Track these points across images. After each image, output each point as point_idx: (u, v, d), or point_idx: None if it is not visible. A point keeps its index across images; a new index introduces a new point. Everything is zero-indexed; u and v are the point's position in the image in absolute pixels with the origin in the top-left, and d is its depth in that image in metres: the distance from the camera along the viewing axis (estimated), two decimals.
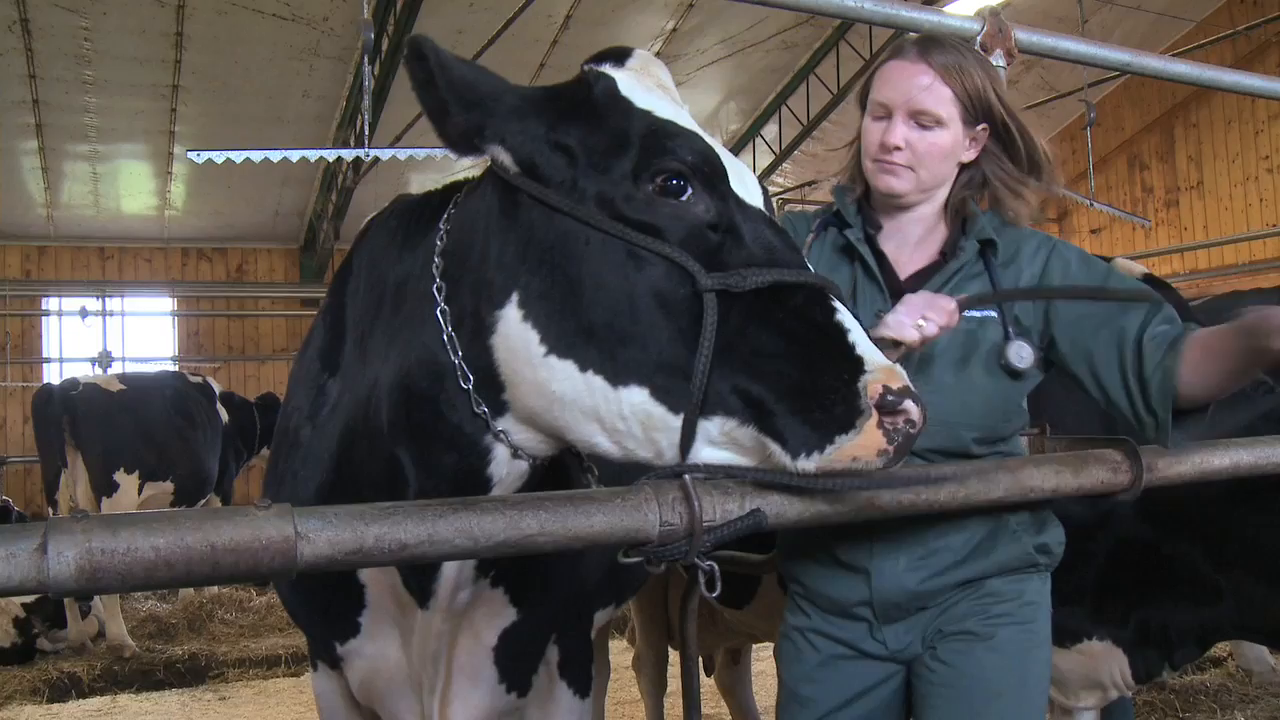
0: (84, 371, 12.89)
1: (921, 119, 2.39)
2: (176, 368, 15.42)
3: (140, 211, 16.34)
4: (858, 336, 1.78)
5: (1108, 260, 3.85)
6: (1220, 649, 7.10)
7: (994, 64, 2.54)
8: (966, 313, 2.34)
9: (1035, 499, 2.35)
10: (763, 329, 1.78)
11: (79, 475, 9.07)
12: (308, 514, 1.60)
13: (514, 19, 11.42)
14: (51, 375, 15.09)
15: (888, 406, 1.68)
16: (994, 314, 2.44)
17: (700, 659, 4.65)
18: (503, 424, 2.00)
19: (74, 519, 1.50)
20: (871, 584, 2.44)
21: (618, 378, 1.80)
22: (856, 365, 1.74)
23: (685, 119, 1.98)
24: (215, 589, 10.21)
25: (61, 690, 7.97)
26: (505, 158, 1.94)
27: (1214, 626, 3.45)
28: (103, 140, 14.24)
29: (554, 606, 2.58)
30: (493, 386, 1.97)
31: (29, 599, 8.36)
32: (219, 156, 10.36)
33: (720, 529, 1.85)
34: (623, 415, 1.82)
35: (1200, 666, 6.99)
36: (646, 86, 2.02)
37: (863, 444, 1.70)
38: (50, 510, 9.32)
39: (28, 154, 14.21)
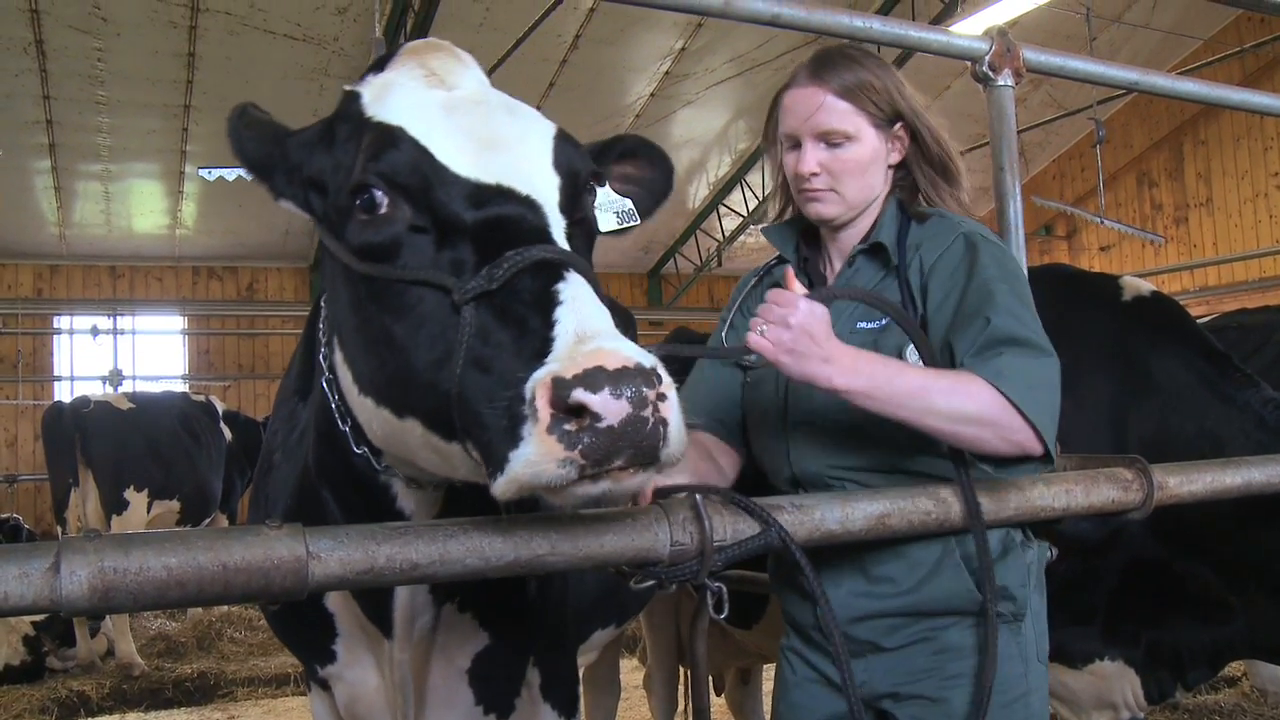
0: (95, 390, 12.91)
1: (830, 139, 2.34)
2: (187, 386, 15.46)
3: (151, 230, 16.40)
4: (566, 314, 1.50)
5: (1116, 278, 3.87)
6: (1234, 668, 7.06)
7: (1007, 78, 2.46)
8: (863, 324, 2.31)
9: (1046, 518, 2.34)
10: (491, 329, 1.55)
11: (89, 493, 9.08)
12: (319, 534, 1.60)
13: (524, 38, 11.47)
14: (63, 393, 15.13)
15: (559, 403, 1.38)
16: (876, 325, 2.32)
17: (710, 678, 4.64)
18: (384, 459, 1.98)
19: (86, 538, 1.51)
20: (816, 608, 2.28)
21: (398, 410, 1.72)
22: (537, 354, 1.45)
23: (438, 105, 1.80)
24: (224, 607, 10.22)
25: (71, 709, 7.97)
26: (292, 207, 1.94)
27: (1227, 646, 3.43)
28: (115, 160, 14.31)
29: (530, 629, 2.56)
30: (357, 426, 1.96)
31: (39, 617, 8.37)
32: (230, 174, 10.41)
33: (730, 549, 1.85)
34: (420, 445, 1.72)
35: (1214, 686, 6.95)
36: (403, 85, 1.86)
37: (535, 457, 1.40)
38: (59, 528, 9.33)
39: (41, 173, 14.29)
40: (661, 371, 1.43)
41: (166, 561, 1.51)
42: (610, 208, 2.17)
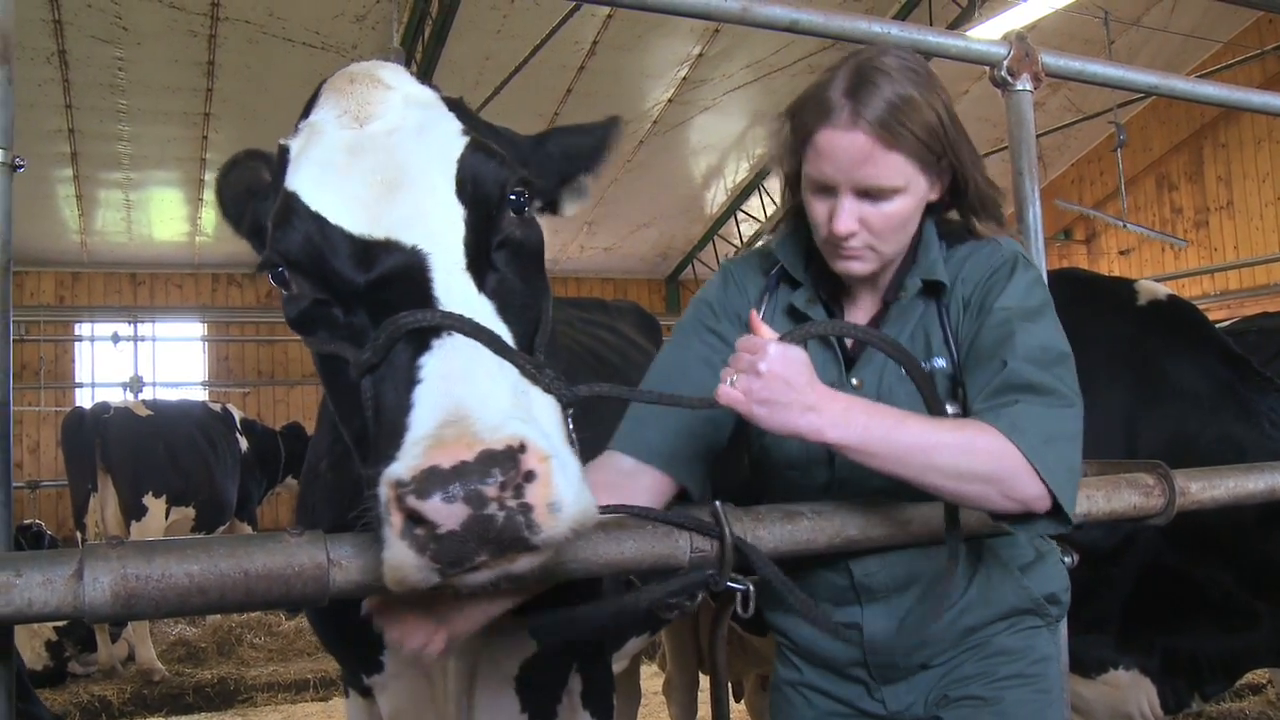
0: (116, 396, 12.99)
1: (872, 194, 1.99)
2: (206, 393, 15.55)
3: (172, 238, 16.50)
4: (422, 395, 1.44)
5: (1131, 282, 3.85)
6: (1259, 675, 7.00)
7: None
8: (927, 365, 2.08)
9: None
10: (381, 404, 1.52)
11: (108, 499, 9.15)
12: (340, 541, 1.61)
13: (541, 45, 11.50)
14: (84, 400, 15.22)
15: (403, 509, 1.33)
16: (943, 363, 2.12)
17: (730, 684, 4.63)
18: None
19: (109, 545, 1.52)
20: (864, 642, 2.21)
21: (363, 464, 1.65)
22: (395, 444, 1.40)
23: (344, 150, 1.70)
24: (244, 613, 10.26)
25: (92, 714, 8.02)
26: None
27: (1246, 654, 3.40)
28: (135, 168, 14.41)
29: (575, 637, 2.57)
30: None
31: (60, 622, 8.42)
32: None
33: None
34: None
35: (1238, 693, 6.90)
36: (319, 131, 1.75)
37: (395, 561, 1.37)
38: (79, 534, 9.40)
39: (63, 182, 14.39)
40: (532, 444, 1.35)
41: (188, 568, 1.52)
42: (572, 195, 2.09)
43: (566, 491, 1.37)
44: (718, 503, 1.83)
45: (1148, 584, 3.32)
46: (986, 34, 10.46)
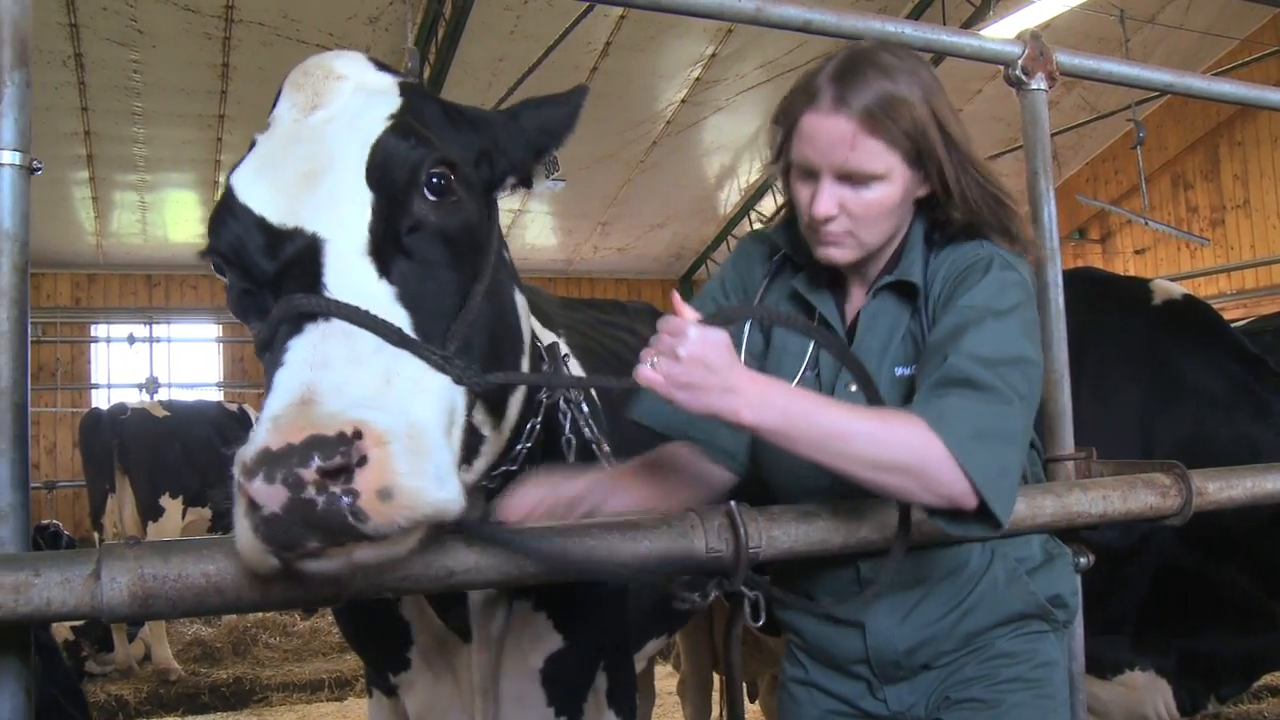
0: (131, 397, 13.05)
1: (853, 178, 1.99)
2: (222, 394, 15.60)
3: (187, 239, 16.54)
4: (281, 378, 1.46)
5: (1146, 282, 3.83)
6: (1277, 677, 6.96)
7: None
8: (902, 370, 2.08)
9: (1082, 525, 2.32)
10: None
11: (125, 499, 9.20)
12: None
13: (554, 46, 11.51)
14: (100, 401, 15.29)
15: (244, 490, 1.35)
16: (908, 371, 2.09)
17: (745, 685, 4.63)
18: None
19: (126, 545, 1.53)
20: (867, 640, 2.22)
21: None
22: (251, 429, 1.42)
23: (282, 142, 1.76)
24: (259, 613, 10.30)
25: (109, 713, 8.06)
26: None
27: (1265, 655, 3.38)
28: (150, 170, 14.47)
29: (600, 633, 2.58)
30: None
31: (77, 622, 8.46)
32: None
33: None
34: None
35: (1256, 695, 6.86)
36: (275, 123, 1.82)
37: (241, 542, 1.40)
38: (96, 534, 9.44)
39: (79, 184, 14.46)
40: (370, 429, 1.34)
41: (205, 568, 1.53)
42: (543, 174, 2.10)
43: (407, 479, 1.34)
44: (733, 503, 1.82)
45: (1164, 585, 3.31)
46: (1000, 33, 10.44)
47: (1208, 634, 3.37)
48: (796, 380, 2.19)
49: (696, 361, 1.67)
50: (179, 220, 16.09)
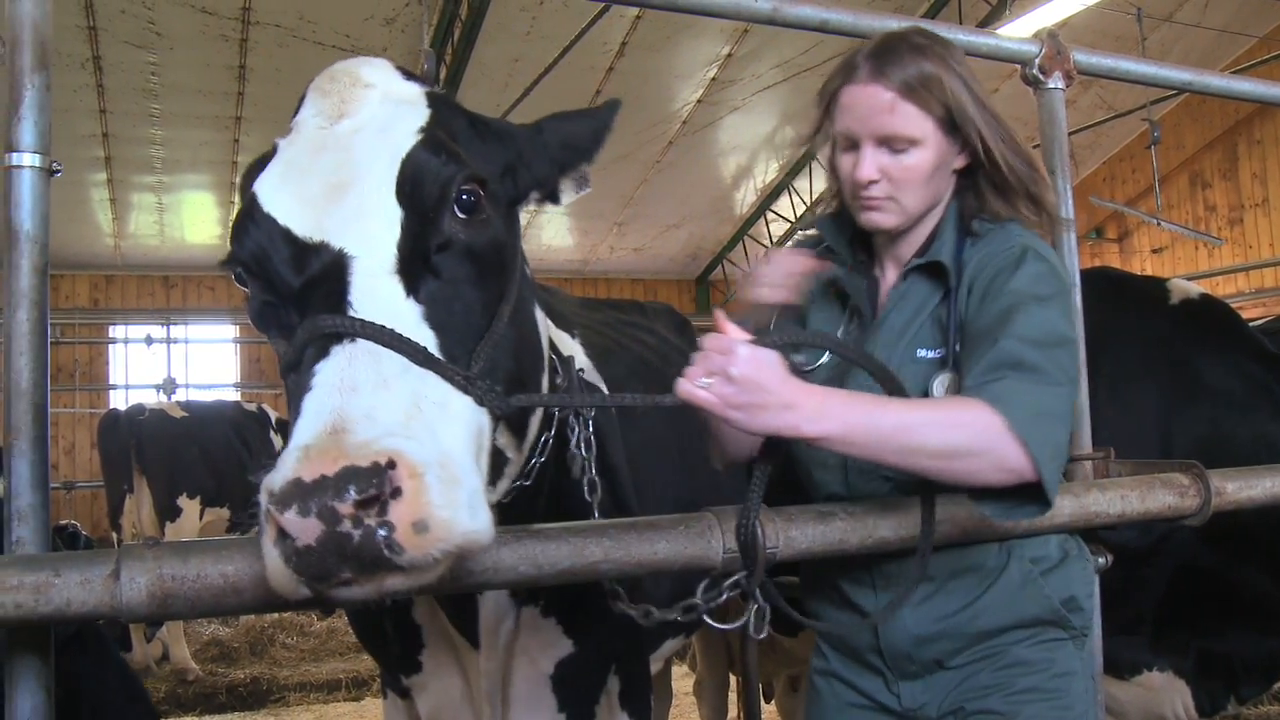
0: (149, 398, 13.12)
1: (893, 144, 2.09)
2: (239, 394, 15.66)
3: (204, 241, 16.63)
4: (310, 403, 1.43)
5: (1163, 281, 3.81)
6: None
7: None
8: (923, 352, 2.13)
9: (1100, 524, 2.31)
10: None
11: (143, 500, 9.24)
12: None
13: (570, 47, 11.52)
14: (118, 402, 15.36)
15: (274, 519, 1.32)
16: (932, 354, 2.15)
17: (761, 685, 4.62)
18: None
19: (145, 545, 1.53)
20: (878, 629, 2.23)
21: None
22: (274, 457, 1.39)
23: (308, 150, 1.73)
24: (276, 613, 10.34)
25: None
26: None
27: None
28: (168, 171, 14.54)
29: (612, 637, 2.56)
30: None
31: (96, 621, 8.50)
32: None
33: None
34: None
35: (1277, 696, 6.81)
36: (298, 129, 1.79)
37: (270, 569, 1.36)
38: (114, 534, 9.49)
39: (97, 186, 14.54)
40: (405, 460, 1.32)
41: (223, 569, 1.53)
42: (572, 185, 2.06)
43: (441, 511, 1.33)
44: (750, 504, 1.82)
45: (1182, 585, 3.29)
46: (1017, 32, 10.39)
47: (1227, 635, 3.35)
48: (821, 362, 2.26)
49: (750, 382, 1.67)
50: (196, 221, 16.17)
